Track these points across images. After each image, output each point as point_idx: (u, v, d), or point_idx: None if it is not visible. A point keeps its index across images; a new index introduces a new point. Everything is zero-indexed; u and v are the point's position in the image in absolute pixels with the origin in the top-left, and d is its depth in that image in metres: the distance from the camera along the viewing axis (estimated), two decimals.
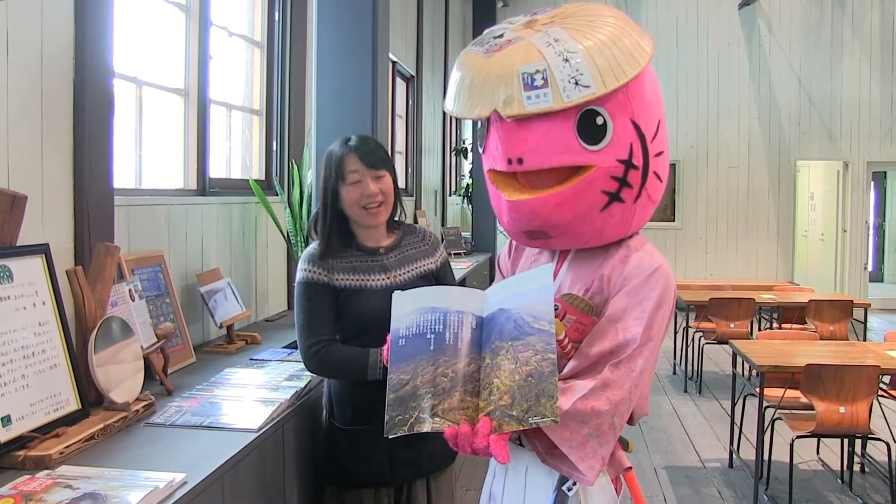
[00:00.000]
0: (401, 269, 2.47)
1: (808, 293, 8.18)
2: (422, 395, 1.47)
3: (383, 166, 2.40)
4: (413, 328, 1.56)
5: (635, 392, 1.61)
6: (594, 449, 1.57)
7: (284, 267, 4.32)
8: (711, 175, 12.82)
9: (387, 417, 1.47)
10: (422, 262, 2.50)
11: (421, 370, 1.50)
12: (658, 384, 7.65)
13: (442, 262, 2.56)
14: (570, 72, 1.54)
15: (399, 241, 2.52)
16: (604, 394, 1.58)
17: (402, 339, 1.56)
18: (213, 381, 2.55)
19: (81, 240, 2.43)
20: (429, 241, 2.57)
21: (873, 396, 4.30)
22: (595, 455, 1.57)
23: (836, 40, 12.57)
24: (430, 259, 2.53)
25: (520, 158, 1.65)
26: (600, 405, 1.57)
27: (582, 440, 1.56)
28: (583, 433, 1.56)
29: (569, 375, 1.64)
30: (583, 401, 1.56)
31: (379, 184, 2.38)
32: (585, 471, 1.55)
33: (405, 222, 2.60)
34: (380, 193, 2.37)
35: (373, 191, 2.35)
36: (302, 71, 4.46)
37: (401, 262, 2.48)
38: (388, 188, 2.40)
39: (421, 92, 8.94)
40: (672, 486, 4.97)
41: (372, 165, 2.37)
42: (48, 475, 1.68)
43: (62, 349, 2.03)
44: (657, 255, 1.73)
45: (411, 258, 2.50)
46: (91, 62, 2.45)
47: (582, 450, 1.56)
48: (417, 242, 2.54)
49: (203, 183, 3.53)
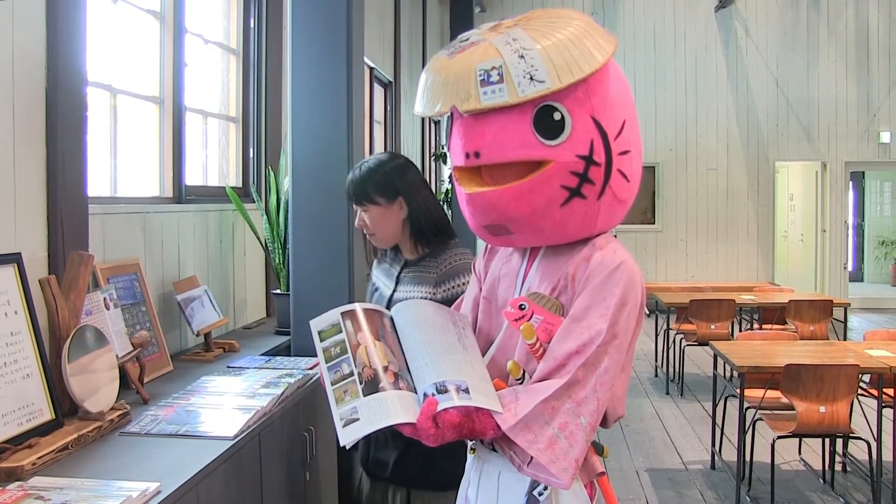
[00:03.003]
0: (405, 286, 2.53)
1: (788, 293, 8.23)
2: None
3: (365, 200, 2.49)
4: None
5: (602, 390, 1.60)
6: (564, 450, 1.56)
7: (262, 274, 4.30)
8: (691, 177, 12.90)
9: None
10: (421, 289, 2.48)
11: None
12: (640, 386, 7.67)
13: (443, 297, 2.42)
14: (524, 67, 1.56)
15: (420, 259, 2.55)
16: (566, 393, 1.58)
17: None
18: (190, 390, 2.53)
19: (55, 248, 2.41)
20: (441, 271, 2.48)
21: (853, 395, 4.33)
22: (566, 456, 1.56)
23: (812, 42, 12.70)
24: (432, 289, 2.46)
25: (477, 152, 1.68)
26: (561, 404, 1.57)
27: (549, 441, 1.55)
28: (548, 434, 1.56)
29: (539, 378, 1.63)
30: (544, 402, 1.57)
31: (364, 217, 2.51)
32: (558, 473, 1.54)
33: (451, 245, 2.57)
34: (367, 226, 2.52)
35: (358, 224, 2.54)
36: (278, 78, 4.45)
37: (409, 281, 2.53)
38: (373, 221, 2.50)
39: (399, 98, 8.94)
40: (654, 488, 4.98)
41: (355, 201, 2.52)
42: (20, 486, 1.66)
43: (35, 359, 2.01)
44: (621, 253, 1.73)
45: (418, 280, 2.50)
46: (63, 70, 2.43)
47: (551, 451, 1.55)
48: (432, 268, 2.50)
49: (179, 191, 3.51)
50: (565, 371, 1.60)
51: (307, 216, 3.29)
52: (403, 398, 1.56)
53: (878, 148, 12.64)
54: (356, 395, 1.55)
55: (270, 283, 4.27)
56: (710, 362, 5.91)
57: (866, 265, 16.26)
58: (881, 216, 16.30)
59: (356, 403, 1.54)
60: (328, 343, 1.67)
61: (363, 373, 1.58)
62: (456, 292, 2.42)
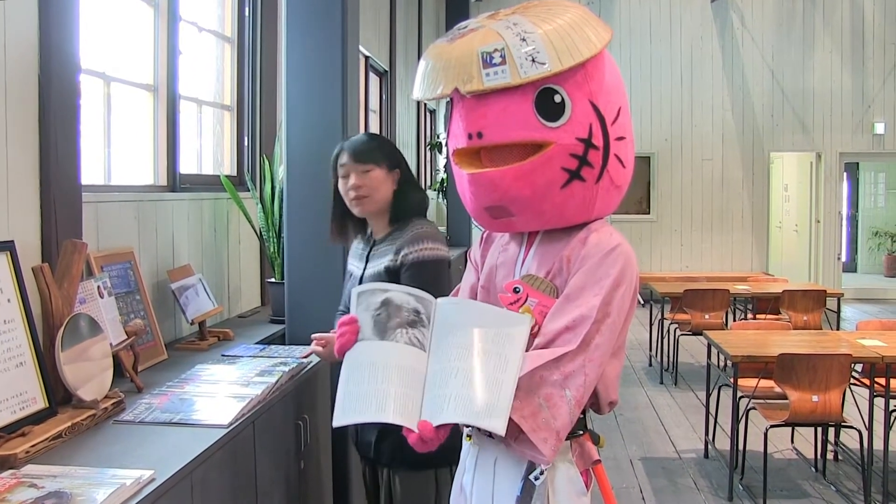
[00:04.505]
0: (373, 262, 2.53)
1: (782, 284, 8.24)
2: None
3: (370, 160, 2.49)
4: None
5: (590, 367, 1.61)
6: (546, 421, 1.57)
7: (257, 263, 4.29)
8: (686, 168, 12.90)
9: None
10: (386, 259, 2.49)
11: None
12: (634, 376, 7.69)
13: (404, 261, 2.43)
14: (527, 49, 1.60)
15: (388, 235, 2.55)
16: (554, 365, 1.60)
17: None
18: (184, 378, 2.53)
19: (48, 237, 2.40)
20: (405, 237, 2.48)
21: (846, 385, 4.34)
22: (548, 427, 1.57)
23: (807, 33, 12.68)
24: (394, 257, 2.46)
25: (479, 132, 1.70)
26: (549, 375, 1.59)
27: (533, 410, 1.57)
28: (534, 402, 1.57)
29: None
30: (531, 372, 1.58)
31: (363, 178, 2.48)
32: (539, 443, 1.55)
33: (416, 219, 2.55)
34: (363, 187, 2.48)
35: (354, 184, 2.48)
36: (273, 66, 4.43)
37: (377, 255, 2.53)
38: (372, 182, 2.49)
39: (394, 87, 8.92)
40: (648, 477, 5.00)
41: (357, 159, 2.49)
42: (13, 475, 1.66)
43: (28, 347, 2.00)
44: (617, 236, 1.75)
45: (385, 252, 2.51)
46: (56, 58, 2.42)
47: (534, 420, 1.56)
48: (397, 238, 2.51)
49: (174, 179, 3.50)
50: (556, 345, 1.62)
51: (302, 205, 3.29)
52: (404, 399, 1.58)
53: (873, 139, 12.64)
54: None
55: (265, 272, 4.26)
56: (703, 352, 5.91)
57: (860, 256, 16.29)
58: (875, 207, 16.32)
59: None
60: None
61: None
62: (418, 257, 2.43)
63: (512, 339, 1.59)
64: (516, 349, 1.58)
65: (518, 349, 1.58)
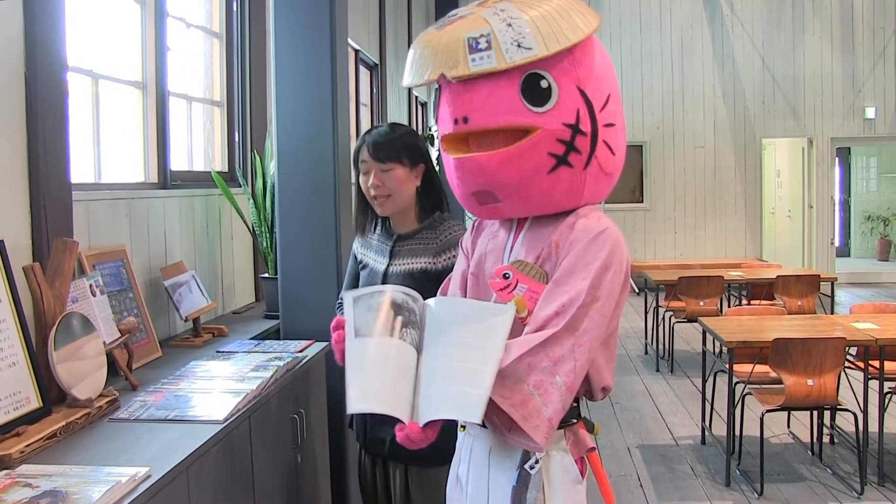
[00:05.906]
0: (402, 259, 2.51)
1: (775, 269, 8.27)
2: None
3: (390, 159, 2.43)
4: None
5: (580, 352, 1.60)
6: (537, 408, 1.55)
7: (250, 259, 4.28)
8: (678, 155, 12.91)
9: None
10: (421, 260, 2.48)
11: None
12: (630, 364, 7.71)
13: (444, 266, 2.44)
14: (513, 35, 1.60)
15: (416, 233, 2.53)
16: (543, 350, 1.58)
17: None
18: (179, 375, 2.53)
19: (39, 236, 2.39)
20: (441, 241, 2.49)
21: (840, 368, 4.36)
22: (539, 415, 1.55)
23: (797, 19, 12.69)
24: (432, 259, 2.47)
25: (465, 117, 1.71)
26: (538, 361, 1.58)
27: (523, 398, 1.56)
28: (523, 390, 1.56)
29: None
30: (519, 359, 1.57)
31: (383, 177, 2.44)
32: (530, 431, 1.54)
33: (442, 214, 2.56)
34: (382, 187, 2.44)
35: (374, 183, 2.43)
36: (262, 61, 4.42)
37: (406, 254, 2.51)
38: (393, 183, 2.44)
39: (385, 80, 8.90)
40: (645, 464, 5.01)
41: (377, 158, 2.44)
42: (7, 474, 1.66)
43: (21, 347, 2.00)
44: (605, 220, 1.74)
45: (416, 252, 2.50)
46: (42, 56, 2.41)
47: (524, 408, 1.55)
48: (430, 239, 2.50)
49: (164, 176, 3.49)
50: (544, 331, 1.61)
51: (294, 200, 3.28)
52: (407, 394, 1.58)
53: (864, 123, 12.66)
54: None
55: (258, 268, 4.25)
56: (699, 339, 5.93)
57: (853, 240, 16.31)
58: (867, 191, 16.34)
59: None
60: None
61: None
62: (455, 262, 2.42)
63: (493, 330, 1.59)
64: (497, 339, 1.57)
65: (499, 338, 1.57)
